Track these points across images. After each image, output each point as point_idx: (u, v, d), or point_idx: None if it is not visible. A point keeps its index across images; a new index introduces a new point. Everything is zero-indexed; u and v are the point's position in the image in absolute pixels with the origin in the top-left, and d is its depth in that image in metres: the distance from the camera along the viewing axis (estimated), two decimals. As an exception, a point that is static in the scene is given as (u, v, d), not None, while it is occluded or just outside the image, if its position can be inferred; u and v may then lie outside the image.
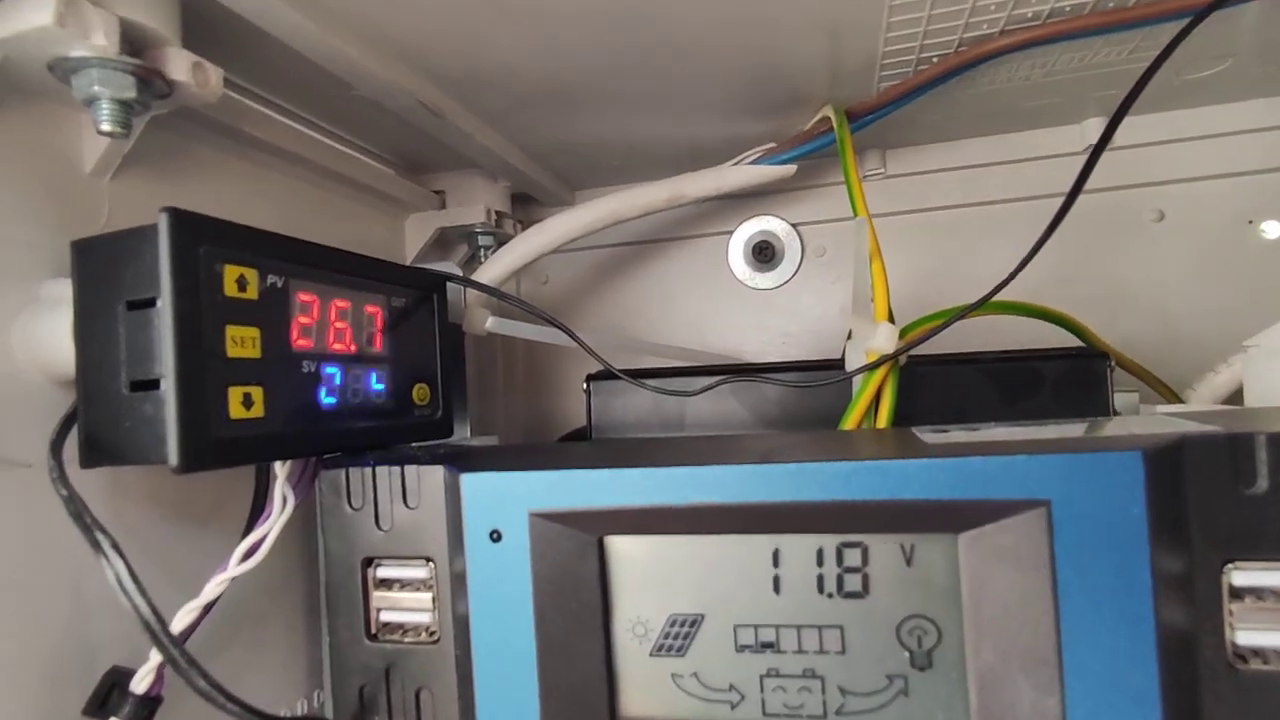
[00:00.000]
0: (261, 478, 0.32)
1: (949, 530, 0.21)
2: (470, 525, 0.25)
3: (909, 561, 0.22)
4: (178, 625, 0.27)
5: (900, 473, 0.21)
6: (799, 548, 0.22)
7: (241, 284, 0.27)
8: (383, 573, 0.28)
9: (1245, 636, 0.21)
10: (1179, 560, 0.21)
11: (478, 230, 0.52)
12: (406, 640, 0.27)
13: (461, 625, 0.26)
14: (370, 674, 0.27)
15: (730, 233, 0.57)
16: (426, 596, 0.27)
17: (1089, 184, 0.42)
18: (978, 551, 0.21)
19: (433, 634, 0.27)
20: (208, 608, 0.27)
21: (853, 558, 0.22)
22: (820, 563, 0.22)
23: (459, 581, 0.26)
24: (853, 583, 0.22)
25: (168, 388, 0.24)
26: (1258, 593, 0.21)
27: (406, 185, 0.49)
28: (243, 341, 0.27)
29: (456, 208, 0.51)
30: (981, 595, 0.21)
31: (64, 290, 0.27)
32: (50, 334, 0.27)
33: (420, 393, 0.37)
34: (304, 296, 0.30)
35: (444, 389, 0.38)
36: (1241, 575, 0.21)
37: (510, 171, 0.50)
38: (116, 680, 0.27)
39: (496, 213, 0.52)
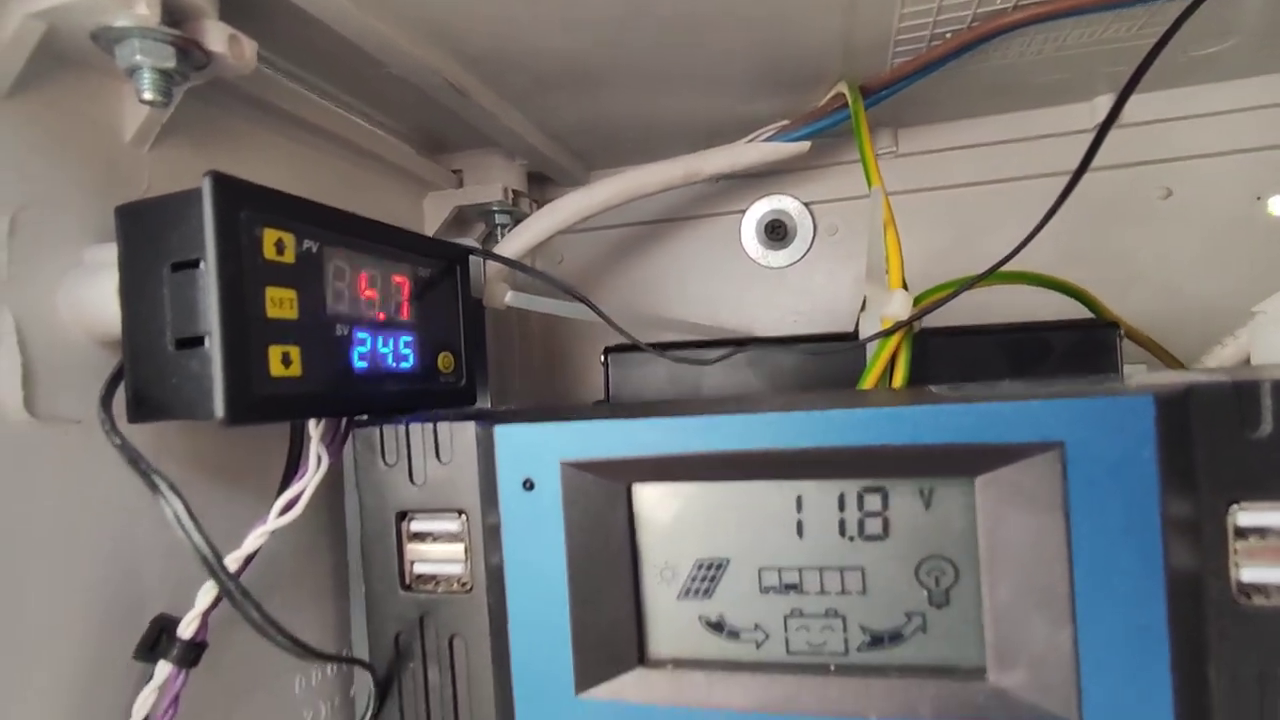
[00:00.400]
0: (296, 438, 0.33)
1: (966, 474, 0.22)
2: (504, 475, 0.26)
3: (927, 505, 0.23)
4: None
5: (919, 418, 0.22)
6: (821, 493, 0.23)
7: (280, 247, 0.28)
8: (416, 526, 0.29)
9: (1249, 574, 0.21)
10: (1187, 501, 0.21)
11: (495, 209, 0.53)
12: (440, 590, 0.28)
13: (494, 575, 0.27)
14: (405, 623, 0.28)
15: (743, 212, 0.58)
16: (459, 548, 0.28)
17: (1097, 162, 0.43)
18: (994, 493, 0.22)
19: (464, 584, 0.28)
20: (249, 559, 0.28)
21: (873, 502, 0.23)
22: (842, 507, 0.23)
23: (491, 533, 0.27)
24: (873, 526, 0.23)
25: (213, 344, 0.25)
26: (1261, 532, 0.21)
27: (426, 164, 0.50)
28: (281, 303, 0.28)
29: (474, 186, 0.52)
30: (997, 535, 0.22)
31: (107, 255, 0.28)
32: (95, 296, 0.28)
33: (445, 361, 0.38)
34: (336, 263, 0.31)
35: (468, 358, 0.39)
36: (1246, 516, 0.21)
37: (529, 151, 0.51)
38: (164, 626, 0.28)
39: (513, 192, 0.53)
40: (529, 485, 0.25)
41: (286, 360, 0.28)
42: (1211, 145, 0.49)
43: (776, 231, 0.57)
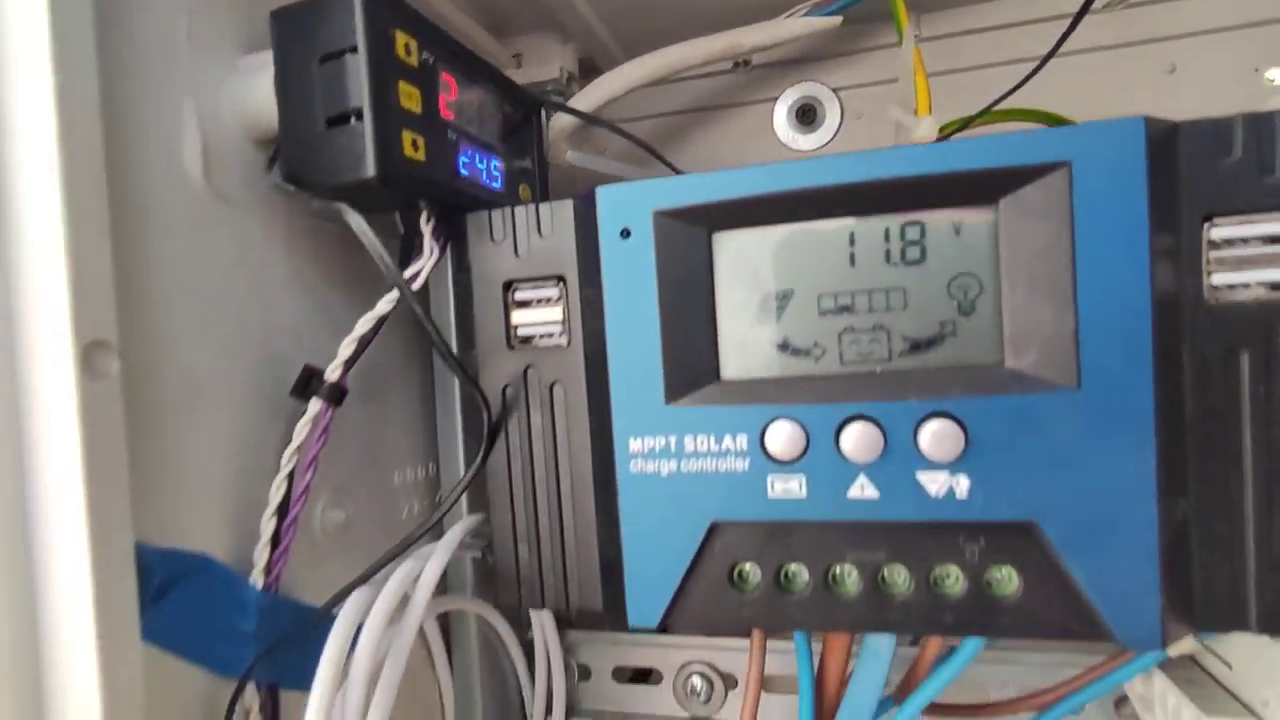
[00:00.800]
0: (408, 234, 0.38)
1: (990, 200, 0.27)
2: (604, 226, 0.31)
3: (958, 232, 0.28)
4: (360, 329, 0.33)
5: (954, 149, 0.27)
6: (870, 228, 0.29)
7: (408, 50, 0.33)
8: (520, 295, 0.34)
9: (1219, 279, 0.27)
10: (1171, 218, 0.26)
11: (550, 90, 0.58)
12: (541, 346, 0.34)
13: (589, 330, 0.32)
14: (511, 376, 0.34)
15: (775, 99, 0.62)
16: (558, 310, 0.33)
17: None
18: (1013, 211, 0.27)
19: (562, 341, 0.33)
20: (381, 320, 0.34)
21: (913, 233, 0.28)
22: (887, 239, 0.28)
23: (585, 295, 0.32)
24: (913, 253, 0.28)
25: (364, 116, 0.30)
26: (1230, 242, 0.26)
27: (494, 43, 0.54)
28: (410, 96, 0.33)
29: (533, 67, 0.57)
30: (1016, 247, 0.27)
31: (259, 60, 0.33)
32: (252, 96, 0.33)
33: (525, 193, 0.43)
34: (446, 77, 0.36)
35: (542, 199, 0.44)
36: (1218, 230, 0.26)
37: (584, 32, 0.55)
38: (312, 373, 0.34)
39: (569, 74, 0.58)
40: (626, 234, 0.30)
41: (415, 146, 0.33)
42: (1211, 21, 0.53)
43: (806, 115, 0.62)
